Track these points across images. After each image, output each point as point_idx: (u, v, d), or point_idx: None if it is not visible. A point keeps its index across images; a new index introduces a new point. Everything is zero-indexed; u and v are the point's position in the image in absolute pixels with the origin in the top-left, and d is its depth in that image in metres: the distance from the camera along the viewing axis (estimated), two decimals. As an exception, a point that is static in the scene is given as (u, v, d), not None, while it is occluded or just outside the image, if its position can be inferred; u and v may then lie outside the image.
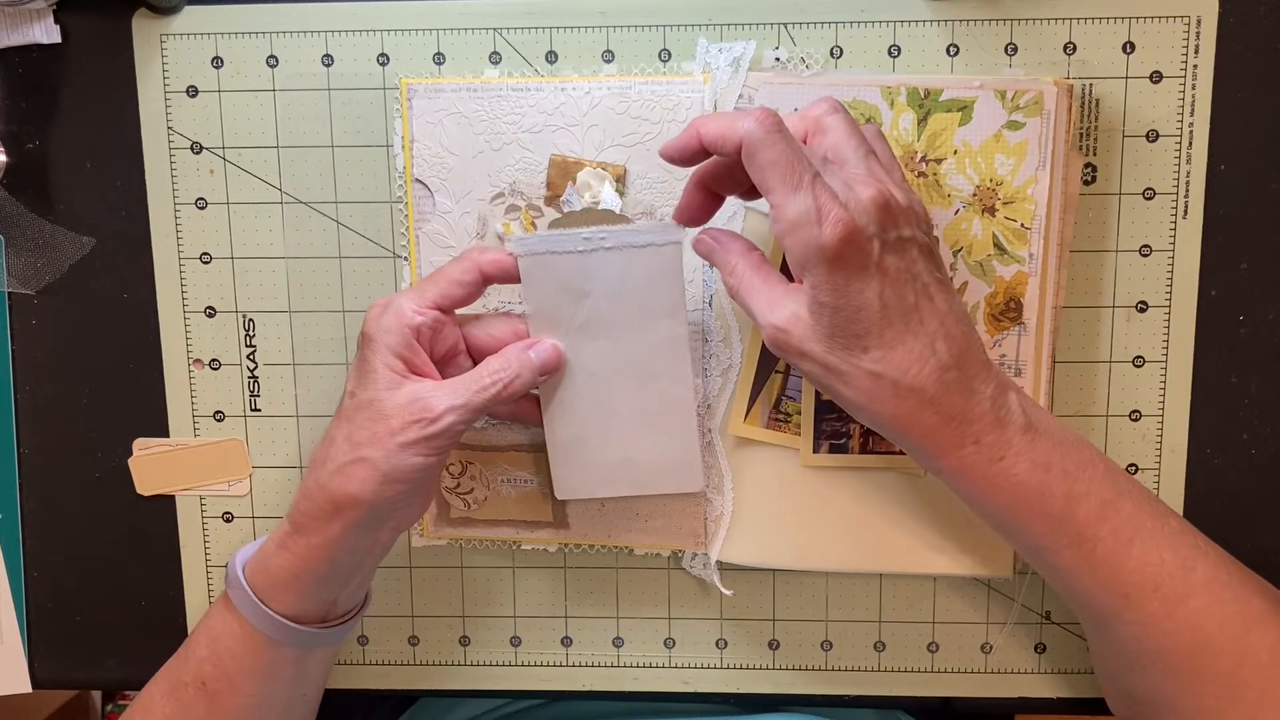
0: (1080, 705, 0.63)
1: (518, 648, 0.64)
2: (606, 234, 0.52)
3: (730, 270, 0.51)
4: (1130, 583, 0.50)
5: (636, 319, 0.54)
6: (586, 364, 0.55)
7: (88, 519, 0.64)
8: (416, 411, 0.50)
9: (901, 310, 0.47)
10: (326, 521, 0.52)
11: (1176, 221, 0.58)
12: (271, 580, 0.53)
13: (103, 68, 0.60)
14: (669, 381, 0.55)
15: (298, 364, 0.62)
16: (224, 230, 0.61)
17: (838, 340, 0.47)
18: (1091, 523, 0.50)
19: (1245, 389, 0.59)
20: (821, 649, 0.63)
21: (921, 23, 0.57)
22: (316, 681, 0.59)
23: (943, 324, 0.49)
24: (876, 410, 0.49)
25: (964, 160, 0.56)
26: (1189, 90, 0.57)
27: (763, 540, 0.60)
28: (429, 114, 0.58)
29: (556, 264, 0.53)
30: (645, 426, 0.56)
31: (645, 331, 0.54)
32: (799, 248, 0.46)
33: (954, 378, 0.48)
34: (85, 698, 1.40)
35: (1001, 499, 0.50)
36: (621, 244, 0.52)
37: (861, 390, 0.48)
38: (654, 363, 0.54)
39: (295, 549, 0.52)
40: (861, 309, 0.47)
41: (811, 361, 0.48)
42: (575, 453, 0.57)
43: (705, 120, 0.49)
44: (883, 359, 0.47)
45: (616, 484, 0.57)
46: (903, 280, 0.47)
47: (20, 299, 0.62)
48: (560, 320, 0.54)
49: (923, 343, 0.48)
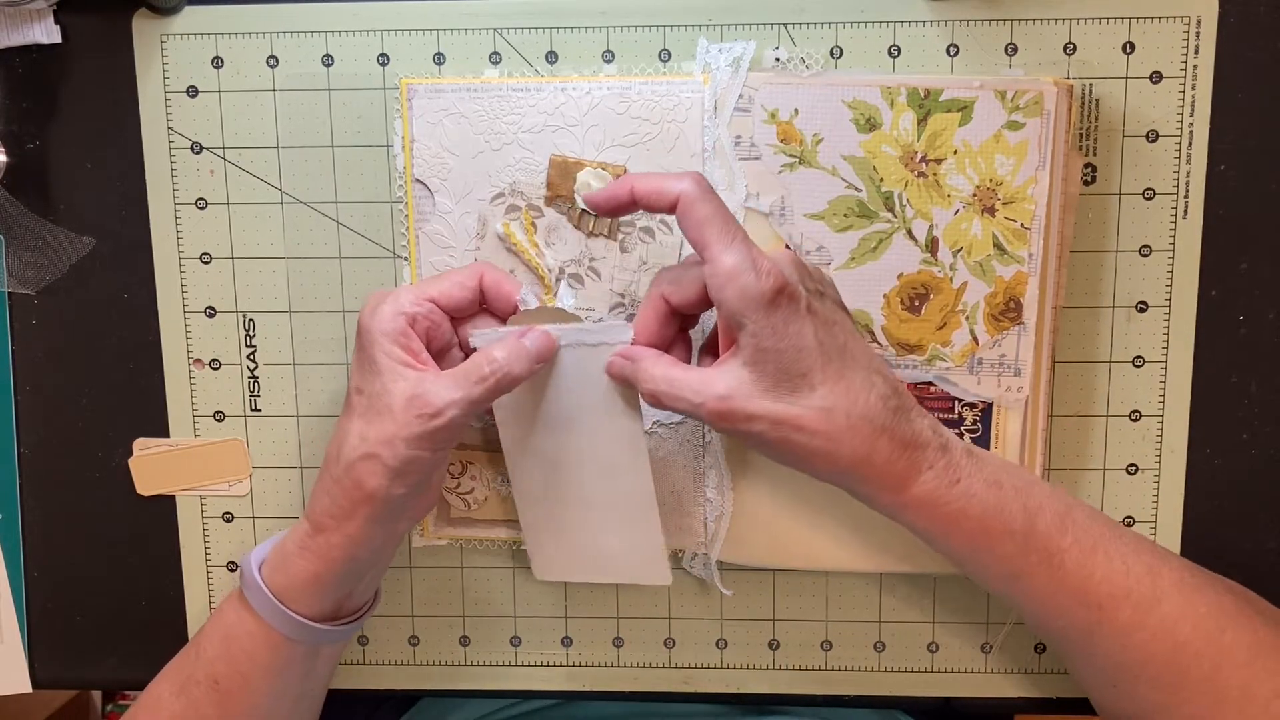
0: (1080, 705, 0.62)
1: (518, 648, 0.64)
2: (561, 331, 0.53)
3: (646, 378, 0.51)
4: (1101, 593, 0.50)
5: (593, 414, 0.54)
6: (549, 454, 0.56)
7: (88, 519, 0.64)
8: (418, 407, 0.50)
9: (836, 348, 0.49)
10: (346, 518, 0.52)
11: (1176, 221, 0.58)
12: (291, 580, 0.54)
13: (103, 68, 0.60)
14: (630, 475, 0.56)
15: (298, 364, 0.62)
16: (224, 230, 0.61)
17: (784, 386, 0.48)
18: (1054, 534, 0.50)
19: (1245, 389, 0.59)
20: (821, 649, 0.63)
21: (921, 23, 0.57)
22: (324, 676, 0.59)
23: (871, 360, 0.51)
24: (834, 450, 0.49)
25: (964, 160, 0.56)
26: (1189, 90, 0.57)
27: (763, 540, 0.60)
28: (429, 114, 0.58)
29: None
30: (610, 518, 0.57)
31: (603, 427, 0.55)
32: (736, 296, 0.48)
33: (896, 404, 0.50)
34: (85, 698, 1.40)
35: (967, 523, 0.50)
36: (575, 341, 0.53)
37: (817, 432, 0.49)
38: (612, 458, 0.55)
39: (316, 548, 0.53)
40: (802, 349, 0.48)
41: (760, 420, 0.49)
42: (548, 540, 0.59)
43: (637, 178, 0.51)
44: (830, 393, 0.49)
45: (591, 571, 0.59)
46: (829, 323, 0.49)
47: (20, 299, 0.62)
48: (521, 411, 0.55)
49: (862, 375, 0.49)
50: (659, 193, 0.50)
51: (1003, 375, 0.58)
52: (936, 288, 0.57)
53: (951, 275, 0.57)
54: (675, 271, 0.52)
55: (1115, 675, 0.52)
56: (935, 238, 0.57)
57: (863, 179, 0.56)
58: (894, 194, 0.56)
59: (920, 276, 0.57)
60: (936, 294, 0.57)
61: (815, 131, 0.56)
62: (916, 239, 0.57)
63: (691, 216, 0.49)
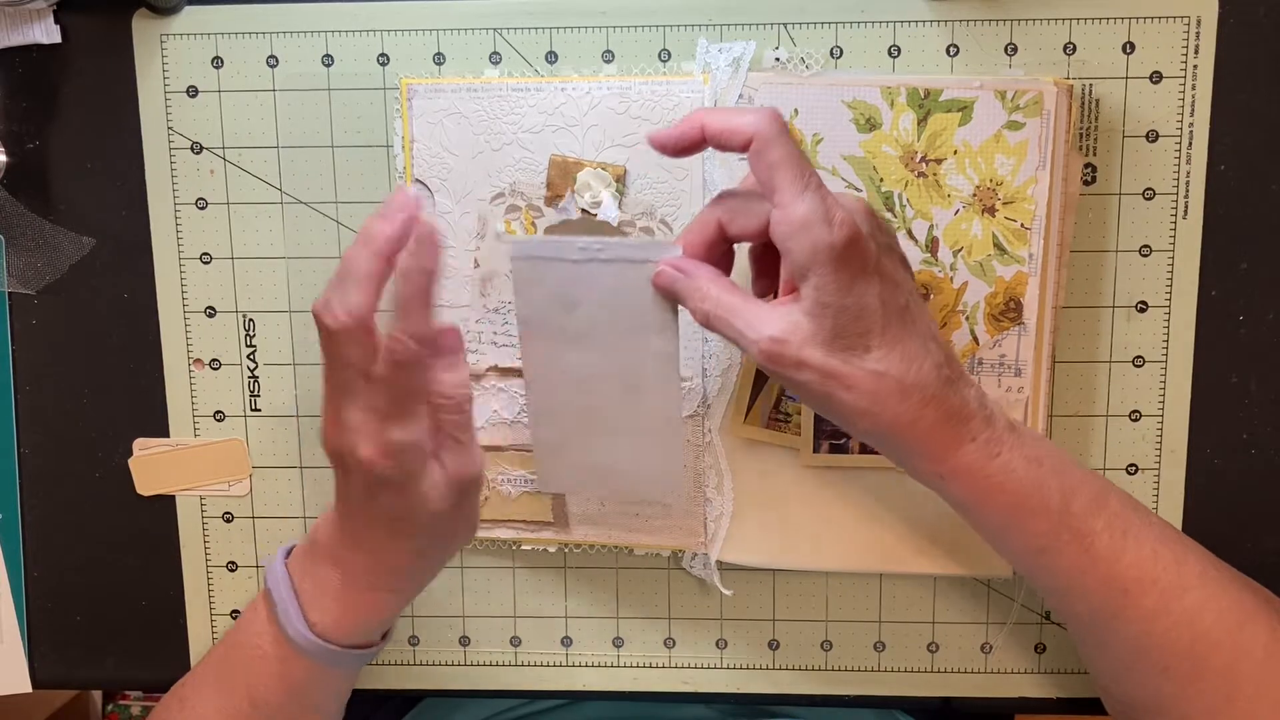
0: (1080, 705, 0.63)
1: (518, 648, 0.64)
2: (603, 245, 0.51)
3: (702, 296, 0.49)
4: (1129, 577, 0.50)
5: (627, 334, 0.53)
6: (573, 373, 0.54)
7: (88, 519, 0.64)
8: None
9: (897, 309, 0.48)
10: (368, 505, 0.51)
11: (1176, 221, 0.58)
12: (340, 627, 0.53)
13: (103, 68, 0.60)
14: (656, 396, 0.54)
15: (298, 364, 0.62)
16: (224, 230, 0.61)
17: (840, 342, 0.47)
18: (1088, 516, 0.50)
19: (1245, 389, 0.59)
20: (821, 649, 0.63)
21: (921, 23, 0.57)
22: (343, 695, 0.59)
23: (930, 325, 0.49)
24: (879, 413, 0.48)
25: (964, 160, 0.56)
26: (1189, 90, 0.57)
27: (763, 540, 0.60)
28: (429, 114, 0.58)
29: (550, 271, 0.52)
30: (630, 436, 0.55)
31: (635, 346, 0.53)
32: (805, 248, 0.46)
33: (948, 374, 0.49)
34: (85, 698, 1.40)
35: (1004, 497, 0.50)
36: (617, 257, 0.51)
37: (865, 393, 0.47)
38: (642, 377, 0.54)
39: (375, 604, 0.53)
40: (865, 308, 0.47)
41: (810, 370, 0.47)
42: (558, 453, 0.56)
43: (710, 113, 0.48)
44: (885, 357, 0.47)
45: (597, 485, 0.58)
46: (894, 283, 0.48)
47: (20, 299, 0.62)
48: (550, 327, 0.53)
49: (919, 341, 0.48)
50: (732, 131, 0.47)
51: (1003, 375, 0.58)
52: (936, 288, 0.57)
53: (951, 275, 0.57)
54: (738, 200, 0.50)
55: (1131, 662, 0.52)
56: (935, 238, 0.57)
57: (863, 179, 0.56)
58: (894, 194, 0.56)
59: (920, 276, 0.57)
60: (937, 294, 0.57)
61: (815, 131, 0.56)
62: (916, 239, 0.57)
63: (765, 158, 0.46)
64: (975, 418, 0.49)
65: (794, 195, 0.46)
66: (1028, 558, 0.52)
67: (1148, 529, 0.51)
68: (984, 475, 0.49)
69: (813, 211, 0.45)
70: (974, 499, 0.50)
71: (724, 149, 0.48)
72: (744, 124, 0.47)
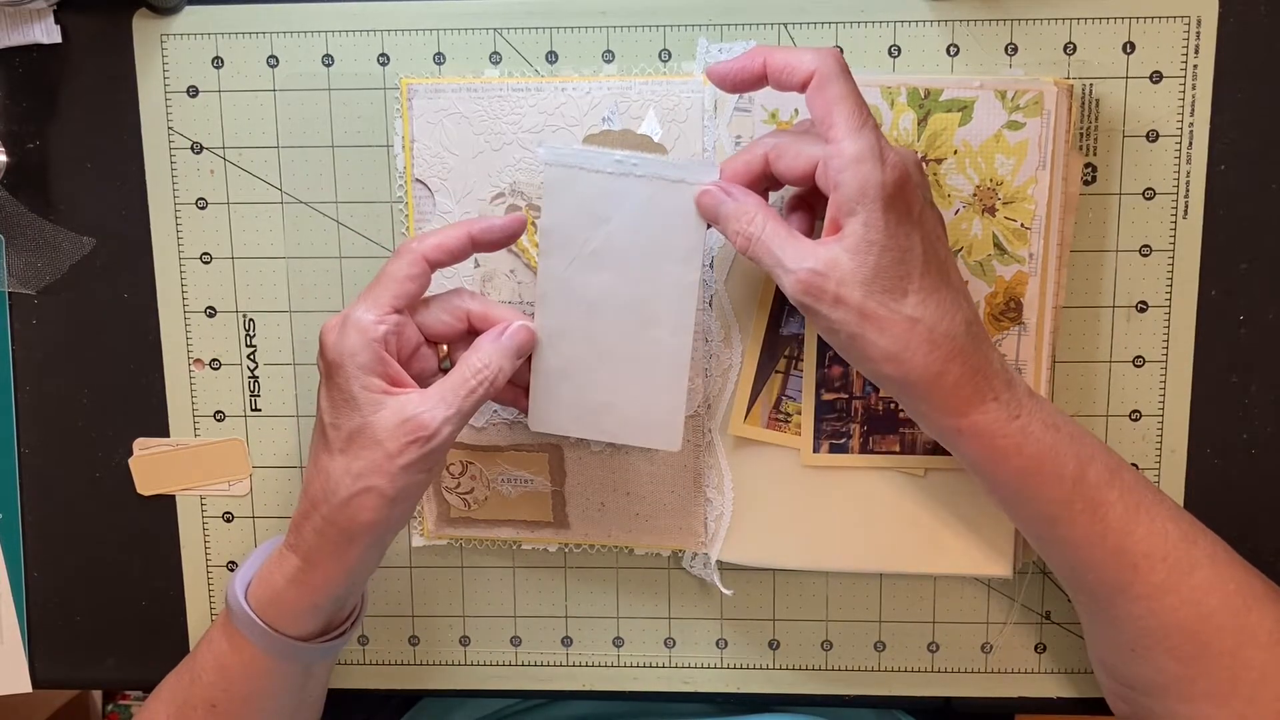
0: (1080, 705, 0.63)
1: (518, 648, 0.64)
2: (640, 160, 0.50)
3: (750, 219, 0.49)
4: (1139, 551, 0.50)
5: (650, 257, 0.52)
6: (588, 295, 0.53)
7: (88, 519, 0.64)
8: (411, 431, 0.49)
9: (937, 261, 0.49)
10: (343, 551, 0.51)
11: (1176, 221, 0.58)
12: (282, 611, 0.53)
13: (103, 68, 0.60)
14: (669, 331, 0.53)
15: (298, 364, 0.62)
16: (224, 230, 0.61)
17: (879, 283, 0.47)
18: (1102, 486, 0.50)
19: (1245, 389, 0.59)
20: (821, 649, 0.63)
21: (921, 23, 0.57)
22: (322, 682, 0.59)
23: (963, 284, 0.50)
24: (908, 359, 0.48)
25: (964, 160, 0.56)
26: (1189, 90, 0.57)
27: (763, 540, 0.60)
28: (429, 114, 0.58)
29: (582, 181, 0.51)
30: (635, 373, 0.54)
31: (656, 272, 0.52)
32: (856, 183, 0.46)
33: (977, 331, 0.50)
34: (85, 698, 1.40)
35: (1020, 460, 0.50)
36: (653, 174, 0.50)
37: (897, 337, 0.48)
38: (657, 308, 0.52)
39: (312, 582, 0.52)
40: (908, 251, 0.47)
41: (845, 308, 0.47)
42: (557, 387, 0.55)
43: (770, 49, 0.49)
44: (922, 303, 0.48)
45: (592, 427, 0.56)
46: (935, 236, 0.49)
47: (20, 299, 0.62)
48: (573, 241, 0.52)
49: (953, 294, 0.49)
50: (792, 68, 0.48)
51: (1003, 375, 0.58)
52: (936, 288, 0.57)
53: (951, 275, 0.57)
54: (788, 138, 0.50)
55: (1136, 640, 0.52)
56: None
57: (863, 179, 0.56)
58: (894, 194, 0.56)
59: (920, 276, 0.57)
60: (936, 294, 0.57)
61: (815, 131, 0.56)
62: (916, 239, 0.57)
63: (824, 94, 0.47)
64: (998, 378, 0.50)
65: (850, 130, 0.47)
66: (1039, 525, 0.52)
67: (1160, 506, 0.51)
68: (1002, 435, 0.49)
69: (869, 148, 0.46)
70: (990, 458, 0.50)
71: (783, 87, 0.49)
72: (806, 60, 0.47)
